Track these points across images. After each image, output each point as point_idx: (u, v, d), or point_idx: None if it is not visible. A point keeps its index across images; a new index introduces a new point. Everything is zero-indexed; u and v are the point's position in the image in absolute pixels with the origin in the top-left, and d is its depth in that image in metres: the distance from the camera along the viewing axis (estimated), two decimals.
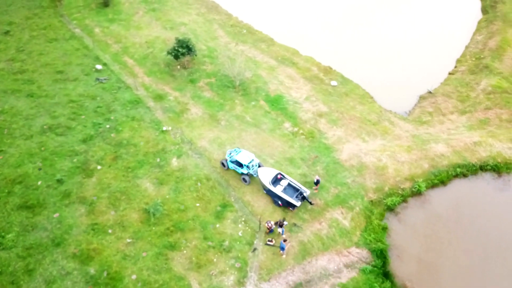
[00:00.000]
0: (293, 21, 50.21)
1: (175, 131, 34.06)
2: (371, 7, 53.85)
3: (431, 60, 45.99)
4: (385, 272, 26.85)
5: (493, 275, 27.08)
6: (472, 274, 27.11)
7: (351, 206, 29.94)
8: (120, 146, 32.31)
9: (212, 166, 31.66)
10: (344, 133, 35.51)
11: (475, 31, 50.35)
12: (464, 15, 53.08)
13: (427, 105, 40.86)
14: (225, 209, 29.09)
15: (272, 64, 43.19)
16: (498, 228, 29.54)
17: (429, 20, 51.93)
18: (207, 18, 49.42)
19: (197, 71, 40.37)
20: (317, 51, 46.15)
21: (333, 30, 49.37)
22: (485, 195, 31.72)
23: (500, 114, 38.07)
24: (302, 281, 26.08)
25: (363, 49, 46.58)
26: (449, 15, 53.08)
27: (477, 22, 51.85)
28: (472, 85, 41.80)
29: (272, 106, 37.57)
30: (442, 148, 33.92)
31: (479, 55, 45.79)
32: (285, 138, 34.47)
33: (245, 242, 27.49)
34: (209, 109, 36.45)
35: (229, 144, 33.26)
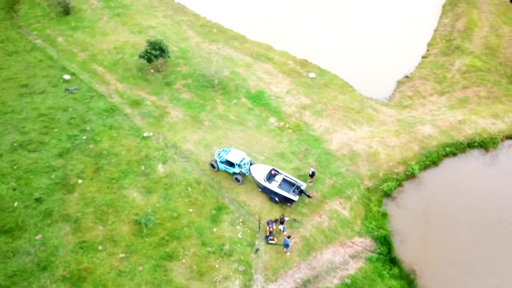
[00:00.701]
0: (263, 17, 49.41)
1: (157, 136, 32.37)
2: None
3: (403, 46, 46.36)
4: (392, 259, 26.31)
5: (494, 246, 27.18)
6: (475, 248, 27.07)
7: (348, 195, 29.28)
8: (101, 157, 30.32)
9: (201, 169, 30.22)
10: (330, 123, 34.91)
11: (441, 14, 51.30)
12: (429, 0, 54.01)
13: (406, 89, 40.98)
14: (220, 212, 27.72)
15: (248, 61, 42.17)
16: (492, 201, 29.72)
17: (396, 7, 52.49)
18: (175, 20, 47.84)
19: (172, 73, 38.77)
20: (290, 45, 45.52)
21: (304, 23, 48.96)
22: (476, 171, 31.89)
23: (478, 92, 38.63)
24: (310, 278, 25.09)
25: (336, 39, 46.37)
26: (415, 1, 53.86)
27: (442, 6, 52.85)
28: (447, 66, 42.31)
29: (254, 102, 36.51)
30: (429, 129, 33.90)
31: (449, 37, 46.54)
32: (273, 134, 33.47)
33: (246, 243, 26.23)
34: (189, 111, 34.96)
35: (216, 145, 31.91)
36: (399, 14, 50.99)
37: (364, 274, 25.36)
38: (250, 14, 49.71)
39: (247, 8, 50.85)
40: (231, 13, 49.86)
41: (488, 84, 39.18)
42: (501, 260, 26.53)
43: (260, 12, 50.09)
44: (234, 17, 49.24)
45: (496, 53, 43.17)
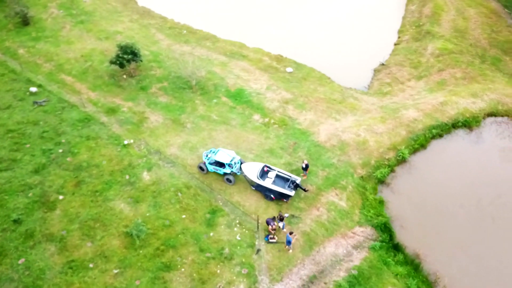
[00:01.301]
0: (232, 15, 48.38)
1: (138, 143, 30.72)
2: None
3: (374, 35, 46.55)
4: (394, 245, 25.93)
5: (489, 220, 27.43)
6: (472, 225, 27.20)
7: (343, 185, 28.71)
8: (80, 170, 28.40)
9: (189, 173, 28.85)
10: (315, 116, 34.33)
11: (407, 2, 52.03)
12: None
13: (383, 76, 41.09)
14: (215, 215, 26.47)
15: (223, 60, 41.07)
16: (483, 178, 30.05)
17: None
18: (142, 24, 46.11)
19: (146, 78, 37.14)
20: (263, 42, 44.73)
21: (274, 18, 48.30)
22: (463, 150, 32.16)
23: (453, 73, 39.16)
24: (316, 273, 24.27)
25: (308, 33, 45.96)
26: None
27: None
28: (420, 51, 42.77)
29: (235, 100, 35.46)
30: (413, 113, 33.94)
31: (418, 23, 47.17)
32: (259, 130, 32.52)
33: (246, 245, 25.10)
34: (169, 114, 33.48)
35: (202, 147, 30.62)
36: (366, 4, 51.26)
37: (369, 263, 24.79)
38: (218, 14, 48.59)
39: (215, 8, 49.70)
40: (199, 14, 48.56)
41: (462, 65, 39.81)
42: (498, 234, 26.68)
43: (229, 11, 49.07)
44: (202, 17, 47.97)
45: (465, 35, 44.07)
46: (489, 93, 35.79)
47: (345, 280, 23.76)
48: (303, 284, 23.80)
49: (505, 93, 35.90)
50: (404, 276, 24.39)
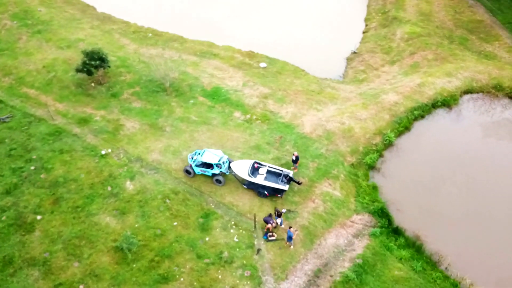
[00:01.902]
0: (196, 15, 46.91)
1: (116, 152, 28.93)
2: None
3: (341, 25, 46.47)
4: (394, 229, 25.57)
5: (480, 194, 27.66)
6: (464, 201, 27.27)
7: (335, 175, 28.15)
8: (57, 186, 26.35)
9: (175, 178, 27.40)
10: (296, 108, 33.65)
11: None
12: None
13: (357, 64, 41.07)
14: (208, 218, 25.19)
15: (194, 60, 39.69)
16: (468, 153, 30.43)
17: None
18: (104, 30, 43.95)
19: (116, 84, 35.24)
20: (232, 39, 43.65)
21: (241, 15, 47.33)
22: (445, 128, 32.44)
23: (425, 55, 39.59)
24: (320, 267, 23.52)
25: (276, 27, 45.15)
26: None
27: None
28: (389, 36, 43.06)
29: (213, 99, 34.22)
30: (393, 97, 33.92)
31: (383, 9, 47.59)
32: (242, 128, 31.45)
33: (245, 246, 23.99)
34: (146, 119, 31.82)
35: (185, 149, 29.22)
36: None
37: (372, 250, 24.27)
38: (183, 15, 46.93)
39: (179, 9, 48.06)
40: (163, 16, 46.78)
41: (432, 47, 40.33)
42: (490, 206, 26.93)
43: (193, 11, 47.56)
44: (167, 19, 46.22)
45: (431, 17, 44.79)
46: (462, 72, 36.36)
47: (351, 270, 23.11)
48: (309, 279, 22.98)
49: (477, 70, 36.57)
50: (408, 259, 24.05)
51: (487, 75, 35.90)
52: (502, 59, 38.44)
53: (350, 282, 22.54)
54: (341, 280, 22.69)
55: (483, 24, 42.57)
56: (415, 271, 23.47)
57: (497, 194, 27.56)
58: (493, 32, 41.56)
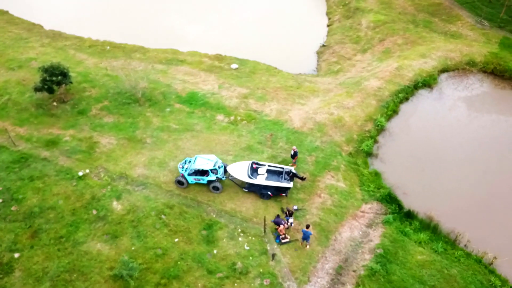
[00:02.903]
0: (156, 24, 44.62)
1: (96, 171, 25.98)
2: None
3: (304, 21, 46.18)
4: (406, 213, 24.51)
5: (480, 166, 27.66)
6: (465, 174, 27.08)
7: (335, 166, 26.84)
8: (33, 217, 23.04)
9: (167, 191, 24.91)
10: (279, 105, 32.20)
11: None
12: None
13: (328, 56, 40.49)
14: (211, 229, 22.93)
15: (161, 68, 37.30)
16: (456, 128, 30.64)
17: None
18: (57, 46, 40.52)
19: (81, 100, 32.14)
20: (196, 44, 41.78)
21: (200, 20, 45.57)
22: (431, 107, 32.36)
23: (394, 41, 39.68)
24: (341, 263, 21.91)
25: (239, 28, 43.87)
26: None
27: None
28: (355, 27, 42.97)
29: (191, 105, 32.03)
30: (374, 82, 33.39)
31: (343, 2, 47.64)
32: (228, 130, 29.48)
33: (257, 253, 21.93)
34: (122, 133, 29.05)
35: (171, 160, 26.80)
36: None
37: (390, 238, 23.03)
38: (139, 25, 44.32)
39: (134, 20, 45.40)
40: (118, 28, 43.96)
41: (399, 32, 40.55)
42: (492, 175, 26.96)
43: (149, 20, 45.05)
44: (123, 31, 43.43)
45: (392, 5, 45.26)
46: (435, 52, 36.63)
47: (374, 262, 21.69)
48: (332, 278, 21.30)
49: (448, 49, 36.99)
50: (427, 242, 23.04)
51: (459, 53, 36.38)
52: (467, 37, 39.24)
53: (377, 274, 21.11)
54: (367, 273, 21.19)
55: (443, 7, 43.50)
56: (437, 253, 22.47)
57: (494, 162, 27.62)
58: (453, 13, 42.52)
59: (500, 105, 32.39)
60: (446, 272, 21.36)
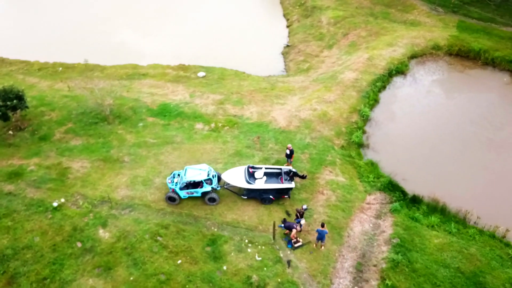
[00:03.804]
0: (106, 41, 41.76)
1: (73, 199, 23.05)
2: None
3: (263, 25, 45.49)
4: (412, 199, 23.76)
5: (469, 142, 27.98)
6: (459, 152, 27.15)
7: (331, 161, 25.72)
8: (6, 261, 19.80)
9: (158, 210, 22.53)
10: (259, 107, 30.79)
11: None
12: None
13: (295, 56, 39.86)
14: (216, 244, 20.84)
15: (124, 83, 34.65)
16: (438, 108, 31.04)
17: None
18: (2, 73, 36.73)
19: (41, 126, 28.91)
20: (156, 57, 39.61)
21: (158, 31, 43.47)
22: (409, 93, 32.52)
23: (358, 34, 39.78)
24: (359, 260, 20.62)
25: (199, 37, 42.15)
26: None
27: None
28: (316, 24, 42.77)
29: (165, 117, 29.80)
30: (350, 74, 32.96)
31: (299, 2, 47.52)
32: (211, 138, 27.56)
33: (271, 262, 20.12)
34: (95, 155, 26.25)
35: (156, 176, 24.44)
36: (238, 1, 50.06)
37: (402, 226, 22.09)
38: (91, 43, 41.21)
39: (83, 38, 42.30)
40: (67, 48, 40.76)
41: (361, 25, 40.76)
42: (483, 149, 27.35)
43: (99, 37, 42.03)
44: (73, 51, 40.21)
45: (347, 1, 45.66)
46: (400, 40, 37.01)
47: (393, 253, 20.60)
48: (354, 277, 19.94)
49: (412, 36, 37.54)
50: (439, 224, 22.35)
51: (423, 39, 36.99)
52: (426, 23, 40.15)
53: (400, 265, 20.00)
54: (389, 266, 20.02)
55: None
56: (451, 234, 21.80)
57: (479, 136, 28.17)
58: (408, 2, 43.52)
59: (471, 83, 33.23)
60: (466, 251, 20.68)
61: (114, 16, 45.75)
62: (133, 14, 46.29)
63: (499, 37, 37.03)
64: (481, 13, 40.39)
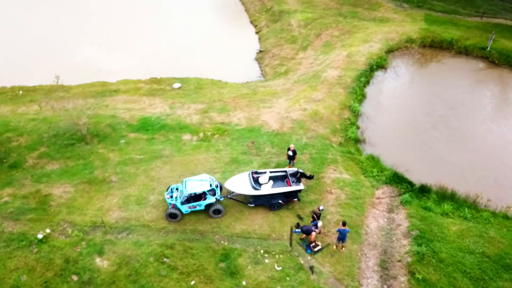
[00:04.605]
0: (68, 60, 39.05)
1: (60, 229, 20.52)
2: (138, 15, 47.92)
3: (231, 34, 44.63)
4: (420, 188, 23.19)
5: (461, 126, 28.44)
6: (454, 137, 27.44)
7: (332, 159, 24.77)
8: None
9: (158, 229, 20.50)
10: (245, 112, 29.49)
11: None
12: None
13: (270, 61, 39.05)
14: (230, 259, 19.12)
15: (96, 102, 32.06)
16: (424, 97, 31.42)
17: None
18: None
19: (9, 153, 25.99)
20: (124, 72, 37.45)
21: (123, 47, 41.39)
22: (392, 85, 32.51)
23: (331, 33, 39.65)
24: (381, 257, 19.59)
25: (168, 50, 40.49)
26: None
27: None
28: (287, 28, 42.31)
29: (147, 131, 27.75)
30: (332, 72, 32.52)
31: (265, 8, 47.04)
32: (202, 148, 25.85)
33: (293, 271, 18.66)
34: (77, 178, 23.77)
35: (150, 194, 22.39)
36: (202, 11, 48.91)
37: (418, 217, 21.38)
38: (51, 63, 38.31)
39: (42, 59, 39.32)
40: (25, 72, 37.64)
41: (332, 25, 40.70)
42: (475, 130, 27.78)
43: (60, 57, 39.42)
44: (33, 72, 37.40)
45: (313, 3, 45.72)
46: (374, 36, 37.15)
47: (415, 245, 19.74)
48: (380, 275, 18.87)
49: (385, 31, 37.82)
50: (452, 211, 21.83)
51: (396, 33, 37.36)
52: (395, 19, 40.72)
53: (425, 257, 19.13)
54: (415, 259, 19.10)
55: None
56: (467, 219, 21.32)
57: (468, 118, 28.80)
58: (373, 1, 44.11)
59: (450, 70, 34.03)
60: (486, 235, 20.18)
61: (74, 34, 43.16)
62: (94, 30, 43.85)
63: (466, 27, 38.09)
64: (445, 6, 41.53)
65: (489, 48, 34.18)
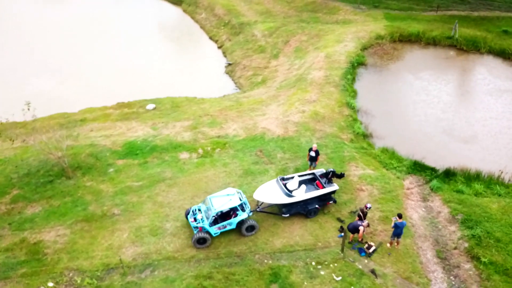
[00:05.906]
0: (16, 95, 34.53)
1: (65, 279, 16.77)
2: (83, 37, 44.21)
3: (193, 50, 42.88)
4: (445, 172, 22.46)
5: (460, 106, 29.01)
6: (464, 116, 27.57)
7: (350, 156, 23.41)
8: None
9: (188, 259, 17.53)
10: (239, 123, 27.30)
11: (191, 15, 50.14)
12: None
13: (242, 72, 37.61)
14: (281, 278, 16.70)
15: (68, 133, 27.76)
16: (412, 87, 31.44)
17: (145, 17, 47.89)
18: None
19: None
20: (83, 101, 33.77)
21: (79, 75, 37.66)
22: (379, 80, 32.35)
23: (299, 39, 39.07)
24: (435, 248, 18.25)
25: (124, 74, 37.39)
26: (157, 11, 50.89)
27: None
28: (251, 39, 41.18)
29: (137, 155, 24.52)
30: (317, 73, 31.68)
31: (223, 22, 45.76)
32: (207, 164, 23.19)
33: (355, 278, 16.65)
34: (70, 217, 19.97)
35: (165, 222, 19.33)
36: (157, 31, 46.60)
37: (455, 201, 20.49)
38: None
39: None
40: None
41: (297, 31, 40.15)
42: (473, 113, 27.95)
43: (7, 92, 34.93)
44: None
45: (272, 13, 45.22)
46: (345, 36, 37.04)
47: (465, 228, 18.68)
48: (443, 266, 17.45)
49: (353, 31, 37.91)
50: (484, 190, 21.21)
51: (365, 32, 37.57)
52: (357, 20, 41.14)
53: (482, 239, 18.05)
54: (473, 243, 17.94)
55: (318, 3, 45.16)
56: (501, 196, 20.77)
57: (463, 99, 29.52)
58: (331, 5, 44.45)
59: (425, 60, 34.44)
60: None
61: (19, 67, 38.57)
62: (40, 62, 39.54)
63: (426, 21, 39.37)
64: (399, 4, 42.86)
65: (457, 36, 35.33)
